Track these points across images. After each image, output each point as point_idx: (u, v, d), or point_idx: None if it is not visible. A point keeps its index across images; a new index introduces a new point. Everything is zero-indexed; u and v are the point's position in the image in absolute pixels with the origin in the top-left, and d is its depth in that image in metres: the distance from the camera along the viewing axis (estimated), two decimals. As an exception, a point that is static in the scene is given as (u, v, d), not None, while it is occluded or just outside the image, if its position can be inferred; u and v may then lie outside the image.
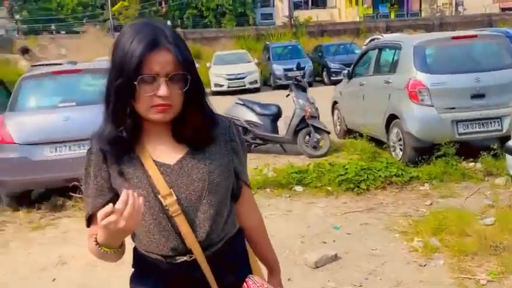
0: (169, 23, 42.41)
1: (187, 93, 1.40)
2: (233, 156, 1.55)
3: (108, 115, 1.42)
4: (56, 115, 6.01)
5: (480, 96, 6.37)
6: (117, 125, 1.40)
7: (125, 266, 4.28)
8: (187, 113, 1.43)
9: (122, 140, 1.41)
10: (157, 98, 1.34)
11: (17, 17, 44.89)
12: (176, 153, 1.47)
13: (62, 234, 5.34)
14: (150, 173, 1.42)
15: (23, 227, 5.64)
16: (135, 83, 1.32)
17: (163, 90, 1.33)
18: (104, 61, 17.36)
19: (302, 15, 37.77)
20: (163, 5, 44.59)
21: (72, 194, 5.85)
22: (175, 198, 1.41)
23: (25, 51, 28.29)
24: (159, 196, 1.40)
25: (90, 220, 1.50)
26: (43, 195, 6.53)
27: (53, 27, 40.05)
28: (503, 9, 37.43)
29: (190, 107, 1.43)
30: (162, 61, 1.33)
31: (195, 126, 1.45)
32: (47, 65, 18.03)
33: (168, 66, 1.34)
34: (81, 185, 4.84)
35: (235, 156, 1.56)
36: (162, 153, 1.46)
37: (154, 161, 1.43)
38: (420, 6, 40.88)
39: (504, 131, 6.18)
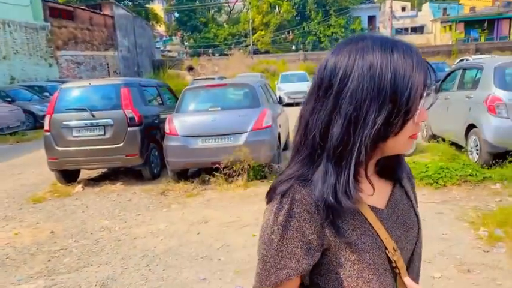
0: (294, 47, 42.83)
1: None
2: (415, 195, 1.05)
3: (354, 164, 0.83)
4: (206, 116, 6.33)
5: (555, 110, 5.62)
6: (337, 172, 0.84)
7: (250, 228, 4.53)
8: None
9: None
10: (417, 126, 0.86)
11: (186, 43, 48.27)
12: (381, 192, 0.93)
13: (206, 201, 5.64)
14: (370, 220, 0.87)
15: (181, 194, 6.01)
16: (418, 111, 0.83)
17: (425, 114, 0.86)
18: (243, 76, 18.02)
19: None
20: (290, 33, 44.91)
21: (215, 174, 6.15)
22: (399, 251, 0.90)
23: (190, 69, 30.20)
24: (386, 251, 0.87)
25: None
26: (195, 173, 6.93)
27: (210, 51, 42.37)
28: None
29: None
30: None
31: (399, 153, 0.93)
32: (204, 79, 19.27)
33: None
34: (223, 167, 5.12)
35: (415, 194, 1.06)
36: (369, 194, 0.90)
37: (367, 205, 0.89)
38: (510, 30, 36.37)
39: None
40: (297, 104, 18.11)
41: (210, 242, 4.26)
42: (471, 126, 6.36)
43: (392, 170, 0.96)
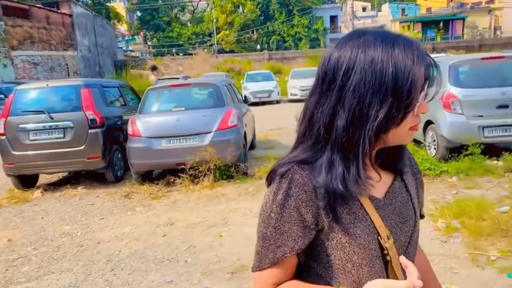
0: (258, 46, 43.00)
1: None
2: (419, 190, 1.07)
3: (361, 153, 0.86)
4: (170, 117, 6.24)
5: (505, 106, 5.93)
6: (344, 163, 0.87)
7: (217, 228, 4.51)
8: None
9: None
10: (417, 117, 0.88)
11: (149, 43, 47.42)
12: (380, 184, 0.95)
13: (172, 203, 5.56)
14: (366, 207, 0.90)
15: (145, 196, 5.92)
16: (418, 103, 0.85)
17: (425, 106, 0.88)
18: (208, 76, 17.89)
19: (363, 39, 36.52)
20: (254, 33, 45.04)
21: (181, 175, 6.07)
22: (392, 240, 0.91)
23: (154, 68, 29.64)
24: (379, 237, 0.89)
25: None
26: (160, 174, 6.83)
27: (174, 50, 41.77)
28: (538, 32, 33.94)
29: None
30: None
31: (404, 149, 0.99)
32: (168, 78, 19.00)
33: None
34: (188, 168, 5.08)
35: (421, 190, 1.09)
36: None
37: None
38: (463, 30, 38.08)
39: (525, 135, 5.72)
40: (262, 103, 18.28)
41: (176, 244, 4.21)
42: (429, 123, 6.60)
43: (393, 161, 0.98)
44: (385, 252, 0.90)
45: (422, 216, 1.12)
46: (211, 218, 4.85)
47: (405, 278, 0.90)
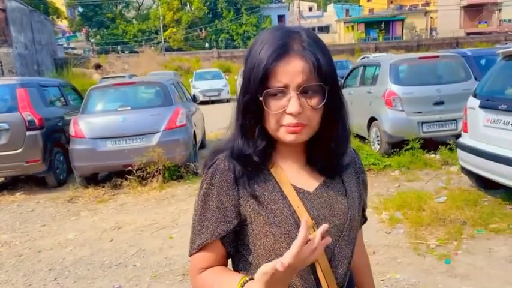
0: (207, 44, 42.68)
1: (326, 109, 0.90)
2: (362, 189, 1.08)
3: (237, 134, 0.95)
4: (115, 116, 6.03)
5: (440, 103, 6.32)
6: (247, 144, 0.93)
7: (167, 230, 4.41)
8: (324, 133, 0.93)
9: (254, 160, 0.93)
10: (288, 115, 0.87)
11: (92, 40, 45.53)
12: (312, 179, 0.97)
13: (119, 206, 5.39)
14: (290, 198, 0.92)
15: (91, 200, 5.69)
16: (261, 98, 0.86)
17: (292, 106, 0.85)
18: (155, 74, 17.48)
19: (309, 38, 37.38)
20: (203, 31, 44.64)
21: (128, 177, 5.90)
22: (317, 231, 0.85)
23: (98, 66, 28.53)
24: None
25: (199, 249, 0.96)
26: (106, 177, 6.58)
27: (119, 48, 40.43)
28: (468, 34, 36.46)
29: (329, 126, 0.93)
30: (291, 71, 0.85)
31: (332, 149, 0.96)
32: (113, 77, 18.33)
33: (300, 76, 0.85)
34: (136, 170, 4.93)
35: (364, 190, 1.10)
36: (297, 177, 0.96)
37: (291, 185, 0.94)
38: (402, 31, 40.09)
39: (458, 130, 6.07)
40: (212, 102, 18.13)
41: (124, 248, 4.07)
42: (372, 119, 6.89)
43: (323, 162, 0.97)
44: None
45: (365, 219, 1.15)
46: (161, 220, 4.75)
47: (332, 271, 0.95)
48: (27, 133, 5.88)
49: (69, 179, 6.58)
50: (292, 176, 0.96)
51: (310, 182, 0.97)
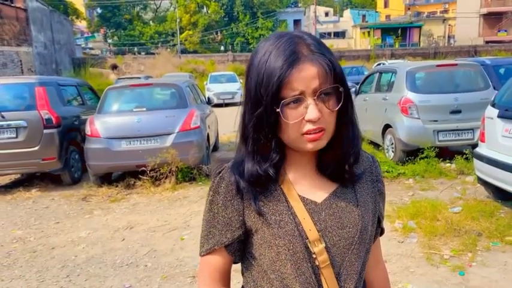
0: (222, 47, 42.89)
1: (339, 111, 0.88)
2: (379, 199, 1.04)
3: (249, 152, 0.91)
4: (131, 117, 6.08)
5: (457, 112, 6.23)
6: (259, 163, 0.90)
7: (178, 231, 4.44)
8: (336, 135, 0.90)
9: (266, 178, 0.90)
10: (308, 123, 0.84)
11: (109, 41, 46.16)
12: (322, 189, 0.95)
13: (131, 206, 5.43)
14: (296, 210, 0.90)
15: (104, 199, 5.74)
16: (278, 110, 0.84)
17: (312, 112, 0.83)
18: (171, 76, 17.62)
19: (326, 43, 37.16)
20: (219, 34, 44.89)
21: (141, 177, 5.96)
22: (324, 245, 0.90)
23: (114, 67, 28.88)
24: (307, 241, 0.89)
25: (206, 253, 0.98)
26: (120, 176, 6.64)
27: (135, 49, 40.89)
28: (486, 42, 35.92)
29: (341, 128, 0.90)
30: (306, 77, 0.82)
31: (344, 155, 0.93)
32: (129, 78, 18.56)
33: (315, 81, 0.83)
34: (149, 170, 4.98)
35: (381, 200, 1.05)
36: (306, 187, 0.94)
37: (299, 196, 0.92)
38: (419, 38, 39.70)
39: (475, 140, 5.99)
40: (226, 105, 18.18)
41: (136, 248, 4.10)
42: (387, 126, 6.82)
43: (335, 170, 0.95)
44: (314, 256, 0.89)
45: (382, 231, 1.10)
46: (172, 221, 4.77)
47: (340, 285, 0.91)
48: (45, 131, 5.98)
49: (84, 177, 6.65)
50: (301, 187, 0.94)
51: (319, 193, 0.94)
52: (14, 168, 6.19)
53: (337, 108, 0.86)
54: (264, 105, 0.84)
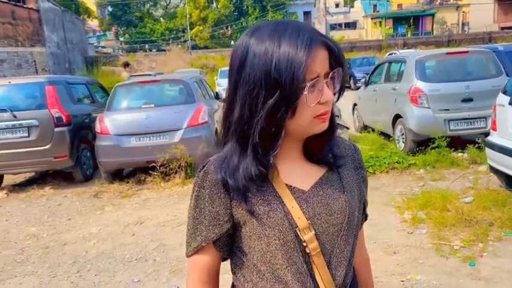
0: (232, 42, 42.81)
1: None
2: (363, 186, 1.04)
3: (246, 148, 0.87)
4: (139, 114, 6.12)
5: (469, 100, 6.09)
6: (258, 159, 0.87)
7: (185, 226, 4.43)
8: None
9: (265, 173, 0.88)
10: (321, 105, 0.85)
11: (121, 39, 46.50)
12: (308, 177, 0.94)
13: (142, 201, 5.48)
14: (284, 199, 0.89)
15: (115, 195, 5.80)
16: (305, 93, 0.82)
17: (327, 94, 0.85)
18: (182, 72, 17.67)
19: (336, 34, 37.03)
20: (229, 28, 44.82)
21: (151, 173, 6.00)
22: (313, 232, 0.89)
23: (126, 65, 29.10)
24: (297, 229, 0.88)
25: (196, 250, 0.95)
26: (131, 173, 6.71)
27: (146, 46, 41.14)
28: (502, 28, 35.04)
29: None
30: (322, 59, 0.84)
31: (330, 136, 0.95)
32: (141, 75, 18.64)
33: (326, 63, 0.85)
34: (159, 166, 5.00)
35: (365, 186, 1.06)
36: (293, 175, 0.93)
37: (286, 185, 0.91)
38: (432, 26, 38.97)
39: (488, 128, 5.85)
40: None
41: (145, 243, 4.14)
42: (397, 117, 6.72)
43: (320, 154, 0.95)
44: (304, 244, 0.89)
45: (365, 217, 1.10)
46: (181, 216, 4.80)
47: (331, 273, 0.91)
48: (55, 129, 6.06)
49: (95, 174, 6.74)
50: (287, 175, 0.92)
51: (306, 180, 0.93)
52: (26, 167, 6.29)
53: (337, 90, 0.89)
54: (284, 91, 0.81)
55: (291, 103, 0.83)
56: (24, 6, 23.25)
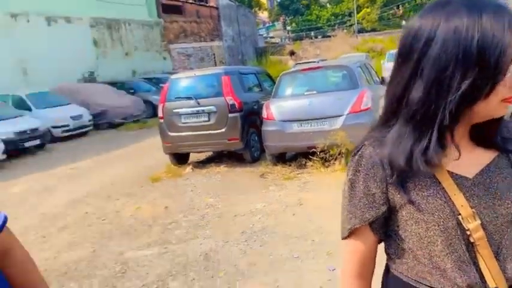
0: (404, 22, 40.13)
1: None
2: None
3: (438, 128, 0.83)
4: (302, 100, 6.39)
5: None
6: (444, 139, 0.84)
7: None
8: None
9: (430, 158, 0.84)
10: (509, 89, 0.81)
11: (288, 28, 48.46)
12: (474, 162, 0.89)
13: (302, 184, 5.78)
14: (445, 185, 0.86)
15: (278, 176, 6.23)
16: (509, 74, 0.79)
17: None
18: (346, 58, 17.56)
19: None
20: (400, 8, 42.19)
21: (312, 158, 6.20)
22: (479, 221, 0.85)
23: (292, 53, 30.16)
24: (459, 217, 0.85)
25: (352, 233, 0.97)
26: (293, 157, 7.06)
27: (312, 34, 41.94)
28: None
29: None
30: None
31: (498, 119, 0.88)
32: (305, 62, 19.20)
33: None
34: (319, 152, 5.18)
35: None
36: (455, 162, 0.87)
37: (448, 171, 0.87)
38: None
39: None
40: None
41: (305, 223, 4.40)
42: None
43: (490, 138, 0.90)
44: (468, 233, 0.85)
45: None
46: (340, 202, 4.90)
47: (499, 265, 0.86)
48: (229, 115, 6.85)
49: (262, 156, 7.35)
50: (449, 161, 0.86)
51: (472, 165, 0.88)
52: (206, 147, 7.31)
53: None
54: (487, 70, 0.77)
55: (493, 83, 0.78)
56: (207, 5, 26.35)
